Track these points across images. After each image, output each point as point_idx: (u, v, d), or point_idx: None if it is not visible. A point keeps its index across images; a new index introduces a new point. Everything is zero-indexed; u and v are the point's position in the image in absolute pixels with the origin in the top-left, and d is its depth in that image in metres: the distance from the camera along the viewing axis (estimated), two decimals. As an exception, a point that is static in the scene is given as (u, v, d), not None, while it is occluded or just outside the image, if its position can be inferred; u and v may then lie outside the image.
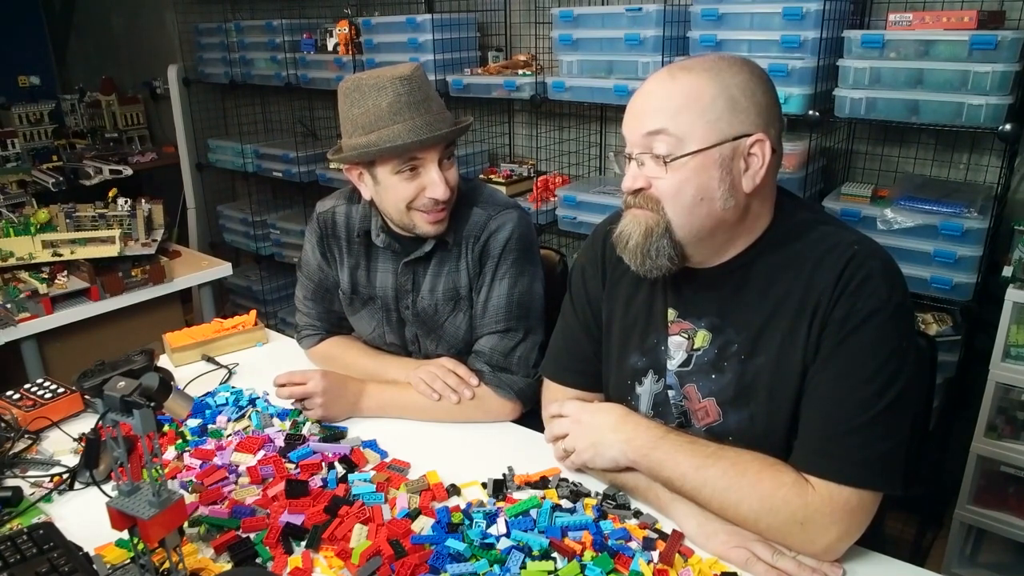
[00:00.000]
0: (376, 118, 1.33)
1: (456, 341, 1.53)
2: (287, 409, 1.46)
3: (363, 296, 1.57)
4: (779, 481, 1.01)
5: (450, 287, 1.49)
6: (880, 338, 0.99)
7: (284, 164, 3.38)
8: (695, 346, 1.14)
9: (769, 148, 1.02)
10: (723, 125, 1.01)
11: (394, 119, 1.32)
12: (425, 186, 1.36)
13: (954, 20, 1.76)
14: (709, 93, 1.01)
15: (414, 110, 1.32)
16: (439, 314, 1.51)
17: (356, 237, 1.54)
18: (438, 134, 1.33)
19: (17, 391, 1.46)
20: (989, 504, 1.89)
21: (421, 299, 1.51)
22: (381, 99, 1.32)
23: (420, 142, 1.32)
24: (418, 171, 1.36)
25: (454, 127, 1.37)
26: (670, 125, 1.01)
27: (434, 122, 1.33)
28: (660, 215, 1.04)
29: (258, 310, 1.94)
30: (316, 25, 3.24)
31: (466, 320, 1.51)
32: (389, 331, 1.58)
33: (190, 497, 1.17)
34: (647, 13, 2.19)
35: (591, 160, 2.76)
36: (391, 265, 1.53)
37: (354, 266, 1.56)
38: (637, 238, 1.06)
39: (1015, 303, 1.74)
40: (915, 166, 2.18)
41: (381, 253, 1.53)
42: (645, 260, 1.06)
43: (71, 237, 2.32)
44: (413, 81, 1.33)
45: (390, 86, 1.32)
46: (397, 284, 1.52)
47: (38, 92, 4.01)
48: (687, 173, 1.02)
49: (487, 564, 1.01)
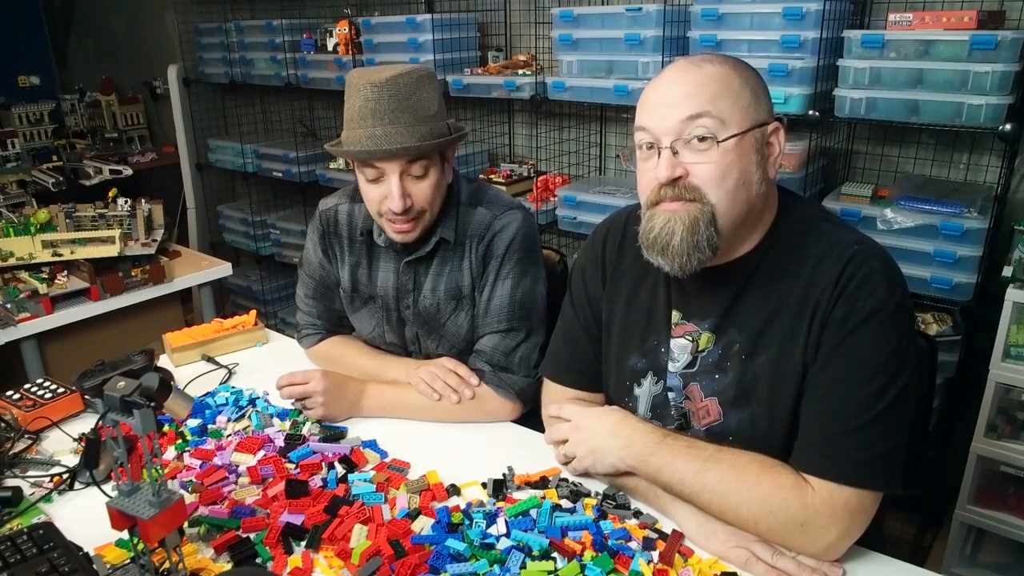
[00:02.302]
0: (349, 118, 1.34)
1: (458, 340, 1.52)
2: (287, 409, 1.46)
3: (364, 295, 1.57)
4: (778, 483, 1.01)
5: (452, 286, 1.48)
6: (880, 338, 0.99)
7: (284, 164, 3.38)
8: (699, 348, 1.14)
9: (783, 136, 1.05)
10: (752, 111, 1.03)
11: (359, 124, 1.32)
12: (385, 195, 1.35)
13: (954, 20, 1.76)
14: (738, 80, 1.03)
15: (378, 119, 1.30)
16: (441, 313, 1.50)
17: (359, 236, 1.53)
18: (384, 148, 1.29)
19: (17, 391, 1.46)
20: (989, 504, 1.89)
21: (423, 298, 1.50)
22: (355, 101, 1.32)
23: (368, 152, 1.30)
24: (379, 180, 1.35)
25: (420, 143, 1.31)
26: (712, 108, 1.00)
27: (394, 134, 1.30)
28: (703, 203, 1.01)
29: (258, 310, 1.94)
30: (316, 25, 3.24)
31: (468, 319, 1.50)
32: (389, 330, 1.58)
33: (190, 497, 1.17)
34: (647, 13, 2.19)
35: (591, 160, 2.76)
36: (392, 264, 1.52)
37: (355, 264, 1.56)
38: (683, 233, 1.00)
39: (1015, 303, 1.74)
40: (915, 166, 2.18)
41: (383, 252, 1.53)
42: (694, 255, 1.01)
43: (71, 237, 2.32)
44: (387, 88, 1.30)
45: (363, 90, 1.31)
46: (398, 284, 1.52)
47: (38, 92, 4.01)
48: (732, 156, 1.01)
49: (487, 564, 1.01)
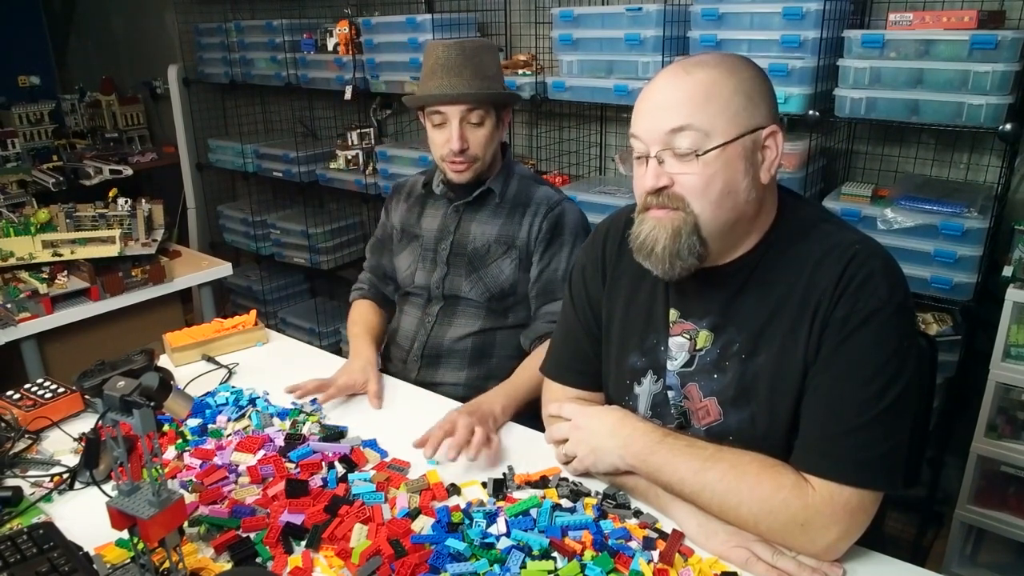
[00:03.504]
0: (424, 74, 1.60)
1: (494, 285, 1.67)
2: (287, 409, 1.46)
3: (409, 234, 1.78)
4: (778, 483, 1.01)
5: (506, 234, 1.67)
6: (881, 338, 0.99)
7: (284, 164, 3.38)
8: (697, 347, 1.14)
9: (782, 139, 1.04)
10: (743, 118, 1.01)
11: (430, 77, 1.57)
12: (447, 139, 1.58)
13: (954, 20, 1.76)
14: (728, 87, 1.01)
15: (447, 72, 1.55)
16: (490, 255, 1.67)
17: (420, 189, 1.78)
18: (449, 93, 1.55)
19: (17, 391, 1.46)
20: (989, 504, 1.89)
21: (473, 239, 1.68)
22: (429, 60, 1.58)
23: (434, 96, 1.56)
24: (444, 125, 1.59)
25: (476, 91, 1.55)
26: (694, 120, 1.00)
27: (457, 84, 1.55)
28: (686, 213, 1.02)
29: (258, 310, 1.94)
30: (316, 25, 3.24)
31: (511, 268, 1.66)
32: (421, 270, 1.74)
33: (190, 497, 1.17)
34: (647, 13, 2.19)
35: (591, 160, 2.76)
36: (441, 210, 1.74)
37: (407, 210, 1.80)
38: (665, 242, 1.03)
39: (1015, 303, 1.74)
40: (915, 166, 2.18)
41: (435, 201, 1.76)
42: (675, 263, 1.04)
43: (71, 237, 2.32)
44: (454, 49, 1.55)
45: (436, 50, 1.57)
46: (442, 224, 1.72)
47: (38, 92, 4.00)
48: (716, 167, 1.01)
49: (487, 564, 1.01)
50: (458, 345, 1.69)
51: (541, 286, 1.65)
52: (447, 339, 1.70)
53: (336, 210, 3.58)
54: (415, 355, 1.72)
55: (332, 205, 3.64)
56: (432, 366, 1.71)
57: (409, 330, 1.75)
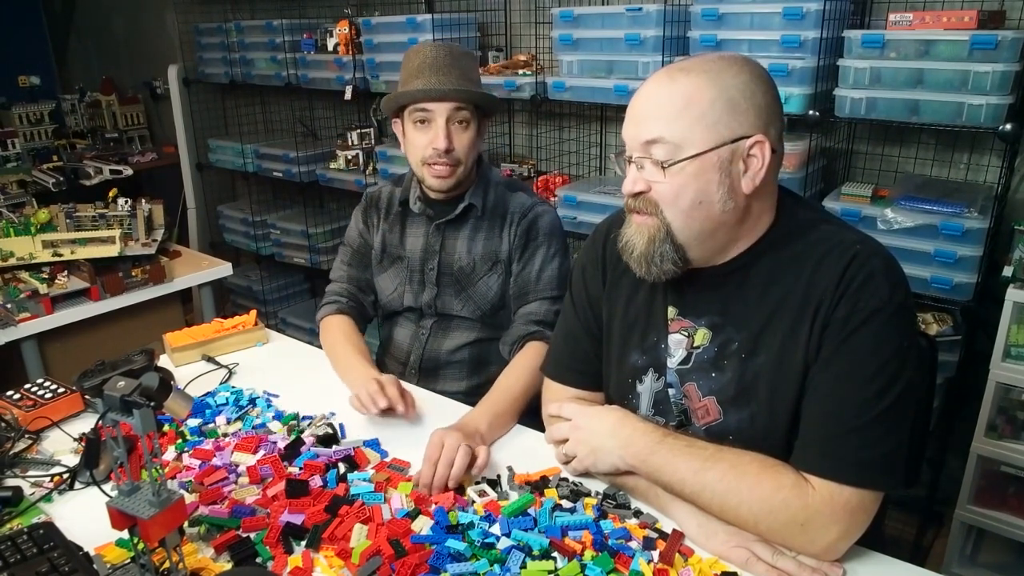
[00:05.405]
0: (407, 74, 1.57)
1: (483, 301, 1.66)
2: (283, 412, 1.45)
3: (392, 256, 1.73)
4: (779, 483, 1.01)
5: (490, 251, 1.65)
6: (882, 338, 0.99)
7: (284, 164, 3.38)
8: (695, 344, 1.14)
9: (769, 149, 1.02)
10: (721, 128, 1.00)
11: (416, 76, 1.55)
12: (431, 140, 1.54)
13: (954, 20, 1.76)
14: (708, 96, 1.00)
15: (432, 71, 1.53)
16: (476, 273, 1.65)
17: (396, 207, 1.72)
18: (437, 88, 1.52)
19: (17, 391, 1.46)
20: (989, 504, 1.89)
21: (458, 259, 1.66)
22: (414, 60, 1.56)
23: (423, 92, 1.52)
24: (428, 124, 1.55)
25: (467, 89, 1.54)
26: (666, 132, 1.01)
27: (445, 82, 1.53)
28: (660, 219, 1.05)
29: (258, 310, 1.94)
30: (316, 25, 3.24)
31: (498, 284, 1.65)
32: (409, 292, 1.70)
33: (190, 497, 1.17)
34: (647, 13, 2.19)
35: (591, 160, 2.76)
36: (423, 229, 1.69)
37: (388, 230, 1.74)
38: (641, 247, 1.07)
39: (1015, 303, 1.74)
40: (915, 166, 2.18)
41: (415, 219, 1.71)
42: (651, 267, 1.07)
43: (71, 237, 2.32)
44: (442, 49, 1.55)
45: (422, 50, 1.56)
46: (426, 245, 1.68)
47: (38, 92, 4.00)
48: (685, 178, 1.02)
49: (487, 564, 1.01)
50: (455, 356, 1.69)
51: (517, 289, 1.64)
52: (444, 351, 1.69)
53: (336, 210, 3.58)
54: (412, 367, 1.71)
55: (332, 205, 3.64)
56: (431, 377, 1.71)
57: (404, 343, 1.74)
